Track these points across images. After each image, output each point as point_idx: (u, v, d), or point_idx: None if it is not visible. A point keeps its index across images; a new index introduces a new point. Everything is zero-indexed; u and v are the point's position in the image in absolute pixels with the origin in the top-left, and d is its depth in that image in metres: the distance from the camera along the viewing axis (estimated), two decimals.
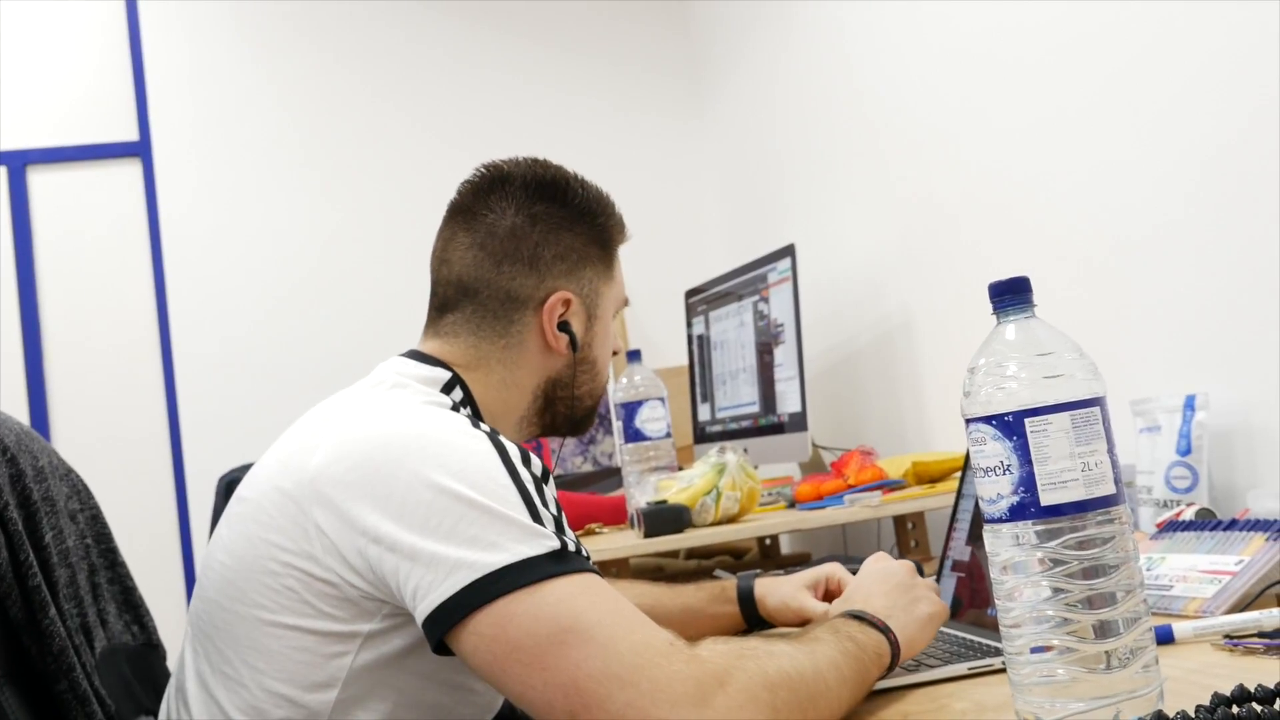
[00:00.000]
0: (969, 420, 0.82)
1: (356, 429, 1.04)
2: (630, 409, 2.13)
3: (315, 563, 1.00)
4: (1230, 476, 1.53)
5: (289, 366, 3.25)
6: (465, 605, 0.91)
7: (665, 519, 1.91)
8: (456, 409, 1.12)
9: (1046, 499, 0.77)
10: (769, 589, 1.37)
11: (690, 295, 2.79)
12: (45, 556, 1.08)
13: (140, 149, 3.30)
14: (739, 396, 2.52)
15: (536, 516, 0.95)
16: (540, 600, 0.90)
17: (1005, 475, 0.79)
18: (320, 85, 3.41)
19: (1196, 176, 1.57)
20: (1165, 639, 1.06)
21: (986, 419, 0.80)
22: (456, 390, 1.17)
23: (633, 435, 2.14)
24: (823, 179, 2.76)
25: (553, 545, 0.94)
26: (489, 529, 0.93)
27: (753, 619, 1.38)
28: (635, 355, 2.20)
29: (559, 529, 0.97)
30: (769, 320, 2.41)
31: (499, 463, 0.99)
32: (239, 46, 3.38)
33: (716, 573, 2.06)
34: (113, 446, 3.19)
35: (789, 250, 2.35)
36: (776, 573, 1.46)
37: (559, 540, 0.94)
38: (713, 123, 3.49)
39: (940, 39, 2.17)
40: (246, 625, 1.03)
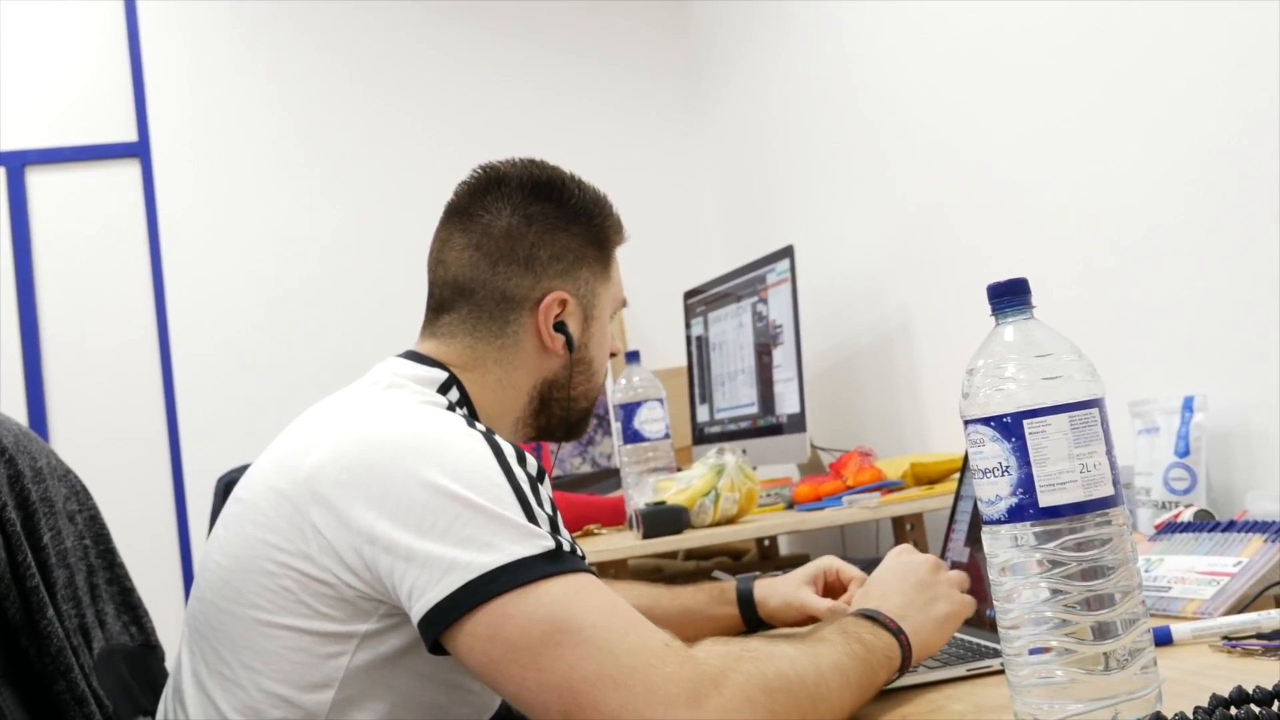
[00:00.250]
0: (967, 421, 0.81)
1: (352, 429, 1.04)
2: (629, 410, 2.13)
3: (311, 563, 1.00)
4: (1228, 478, 1.53)
5: (288, 367, 3.25)
6: (460, 606, 0.91)
7: (664, 520, 1.91)
8: (453, 409, 1.12)
9: (1045, 500, 0.77)
10: (769, 591, 1.37)
11: (689, 296, 2.79)
12: (43, 557, 1.08)
13: (139, 149, 3.30)
14: (737, 398, 2.51)
15: (532, 516, 0.95)
16: (535, 600, 0.90)
17: (1004, 477, 0.79)
18: (319, 86, 3.41)
19: (1195, 178, 1.57)
20: (1164, 640, 1.06)
21: (985, 420, 0.80)
22: (453, 390, 1.17)
23: (631, 436, 2.14)
24: (821, 180, 2.76)
25: (548, 545, 0.93)
26: (484, 529, 0.93)
27: (752, 621, 1.37)
28: (634, 356, 2.20)
29: (554, 529, 0.96)
30: (768, 321, 2.41)
31: (494, 462, 0.98)
32: (238, 47, 3.38)
33: (715, 574, 2.06)
34: (111, 447, 3.18)
35: (788, 251, 2.35)
36: (774, 573, 1.46)
37: (554, 540, 0.94)
38: (711, 123, 3.48)
39: (939, 40, 2.17)
40: (243, 626, 1.03)
